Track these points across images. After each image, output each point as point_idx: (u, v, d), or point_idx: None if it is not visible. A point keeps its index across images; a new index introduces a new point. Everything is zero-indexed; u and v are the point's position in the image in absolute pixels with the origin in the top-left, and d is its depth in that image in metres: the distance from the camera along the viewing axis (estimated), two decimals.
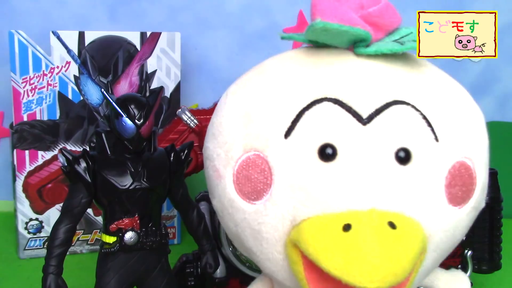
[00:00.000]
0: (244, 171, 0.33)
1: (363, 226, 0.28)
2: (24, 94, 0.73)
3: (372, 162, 0.30)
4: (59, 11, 0.87)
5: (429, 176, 0.31)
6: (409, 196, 0.30)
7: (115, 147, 0.47)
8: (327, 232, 0.28)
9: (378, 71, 0.32)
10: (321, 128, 0.30)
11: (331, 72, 0.32)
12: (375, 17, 0.33)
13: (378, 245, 0.27)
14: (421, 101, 0.32)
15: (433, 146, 0.31)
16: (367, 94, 0.31)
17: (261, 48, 0.92)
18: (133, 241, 0.47)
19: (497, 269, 0.64)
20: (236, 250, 0.60)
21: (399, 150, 0.30)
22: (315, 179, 0.30)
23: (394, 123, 0.31)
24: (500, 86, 0.97)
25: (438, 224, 0.31)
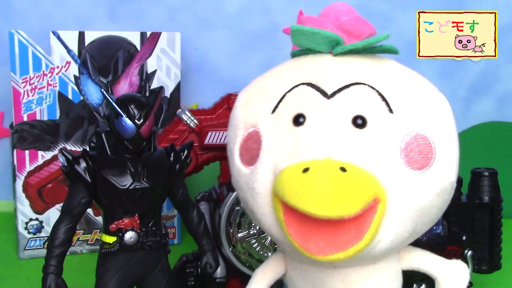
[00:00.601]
0: (245, 144, 0.41)
1: (318, 168, 0.35)
2: (24, 94, 0.73)
3: (332, 125, 0.37)
4: (59, 11, 0.87)
5: (382, 139, 0.37)
6: (363, 152, 0.36)
7: (115, 147, 0.47)
8: (291, 174, 0.35)
9: (345, 63, 0.40)
10: (296, 103, 0.39)
11: (309, 66, 0.41)
12: (347, 26, 0.40)
13: (328, 181, 0.34)
14: (378, 82, 0.39)
15: (388, 116, 0.38)
16: (333, 78, 0.39)
17: (261, 48, 0.92)
18: (133, 241, 0.47)
19: (497, 269, 0.64)
20: (236, 250, 0.60)
21: (356, 117, 0.37)
22: (288, 139, 0.38)
23: (352, 97, 0.38)
24: (500, 86, 0.96)
25: (397, 181, 0.37)
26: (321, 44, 0.41)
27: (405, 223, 0.38)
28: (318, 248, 0.35)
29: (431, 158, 0.38)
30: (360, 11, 0.43)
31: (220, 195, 0.63)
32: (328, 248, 0.35)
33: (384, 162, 0.37)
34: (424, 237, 0.59)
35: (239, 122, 0.42)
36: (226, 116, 0.64)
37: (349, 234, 0.35)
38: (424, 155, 0.38)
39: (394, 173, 0.37)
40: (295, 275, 0.43)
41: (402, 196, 0.37)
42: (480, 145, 0.94)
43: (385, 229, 0.37)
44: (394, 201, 0.37)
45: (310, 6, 0.93)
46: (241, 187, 0.42)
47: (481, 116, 0.97)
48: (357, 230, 0.35)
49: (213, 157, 0.65)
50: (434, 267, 0.44)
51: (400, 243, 0.39)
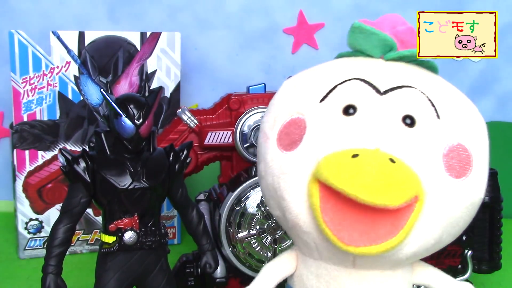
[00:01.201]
0: (285, 129, 0.41)
1: (368, 156, 0.35)
2: (24, 94, 0.73)
3: (382, 120, 0.38)
4: (59, 11, 0.87)
5: (429, 142, 0.38)
6: (410, 150, 0.37)
7: (114, 147, 0.47)
8: (339, 159, 0.35)
9: (397, 68, 0.41)
10: (347, 95, 0.39)
11: (362, 65, 0.42)
12: (402, 35, 0.42)
13: (377, 169, 0.34)
14: (427, 89, 0.40)
15: (435, 121, 0.38)
16: (385, 77, 0.40)
17: (261, 48, 0.92)
18: (132, 240, 0.47)
19: (497, 269, 0.64)
20: (236, 250, 0.60)
21: (406, 116, 0.38)
22: (337, 127, 0.38)
23: (404, 97, 0.39)
24: (500, 86, 0.96)
25: (435, 185, 0.37)
26: (375, 46, 0.42)
27: (434, 230, 0.38)
28: (351, 238, 0.35)
29: (468, 169, 0.38)
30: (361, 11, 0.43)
31: (220, 195, 0.63)
32: (362, 240, 0.35)
33: (427, 164, 0.37)
34: None
35: (281, 108, 0.42)
36: (226, 116, 0.64)
37: (385, 229, 0.35)
38: (463, 164, 0.38)
39: (434, 176, 0.37)
40: (308, 273, 0.42)
41: (437, 201, 0.37)
42: None
43: (417, 231, 0.37)
44: (430, 204, 0.37)
45: (310, 6, 0.93)
46: (273, 173, 0.41)
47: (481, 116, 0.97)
48: (393, 225, 0.35)
49: (213, 157, 0.65)
50: (444, 286, 0.44)
51: (424, 250, 0.39)
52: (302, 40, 0.92)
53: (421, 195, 0.36)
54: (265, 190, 0.43)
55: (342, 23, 0.91)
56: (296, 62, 0.93)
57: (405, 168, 0.36)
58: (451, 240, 0.41)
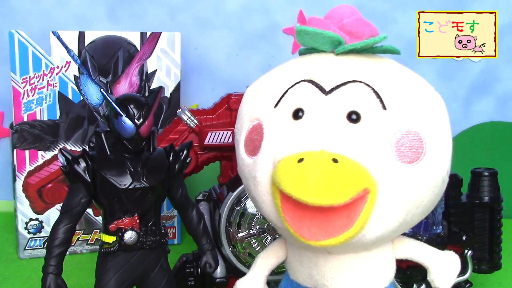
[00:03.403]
0: (249, 135, 0.44)
1: (312, 159, 0.37)
2: (24, 94, 0.73)
3: (328, 119, 0.39)
4: (59, 11, 0.87)
5: (375, 134, 0.39)
6: (355, 145, 0.38)
7: (114, 147, 0.47)
8: (287, 164, 0.38)
9: (345, 62, 0.42)
10: (296, 98, 0.41)
11: (312, 64, 0.43)
12: (349, 27, 0.42)
13: (320, 171, 0.36)
14: (374, 80, 0.41)
15: (381, 112, 0.39)
16: (331, 75, 0.41)
17: (261, 48, 0.92)
18: (132, 240, 0.47)
19: (497, 269, 0.64)
20: (236, 250, 0.60)
21: (351, 112, 0.39)
22: (287, 132, 0.40)
23: (348, 94, 0.40)
24: (500, 86, 0.96)
25: (387, 173, 0.39)
26: (324, 43, 0.43)
27: (395, 214, 0.40)
28: (311, 233, 0.38)
29: (421, 153, 0.40)
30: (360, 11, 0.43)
31: (220, 195, 0.63)
32: (321, 234, 0.38)
33: (376, 155, 0.39)
34: (424, 237, 0.59)
35: (245, 115, 0.45)
36: (226, 116, 0.64)
37: (340, 221, 0.37)
38: (414, 149, 0.40)
39: (385, 166, 0.39)
40: (294, 260, 0.45)
41: (392, 188, 0.39)
42: (480, 145, 0.95)
43: (375, 219, 0.39)
44: (384, 192, 0.39)
45: (310, 6, 0.93)
46: (245, 176, 0.44)
47: (481, 116, 0.97)
48: (348, 217, 0.37)
49: (213, 157, 0.65)
50: (426, 256, 0.45)
51: (390, 232, 0.41)
52: None
53: (371, 186, 0.38)
54: (246, 190, 0.46)
55: None
56: None
57: (349, 166, 0.37)
58: (420, 219, 0.43)
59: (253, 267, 0.48)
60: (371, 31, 0.43)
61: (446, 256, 0.46)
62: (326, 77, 0.41)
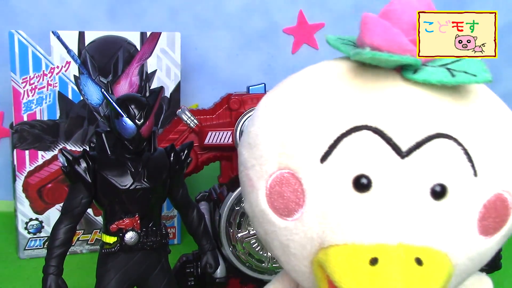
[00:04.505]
0: (277, 186, 0.33)
1: (390, 261, 0.29)
2: (24, 94, 0.73)
3: (405, 197, 0.30)
4: (59, 11, 0.87)
5: (462, 212, 0.31)
6: (439, 231, 0.30)
7: (115, 147, 0.47)
8: (354, 263, 0.29)
9: (423, 100, 0.32)
10: (359, 158, 0.31)
11: (375, 98, 0.32)
12: None
13: (403, 282, 0.28)
14: (464, 134, 0.31)
15: (471, 181, 0.31)
16: (409, 125, 0.31)
17: (261, 48, 0.92)
18: (133, 241, 0.47)
19: (497, 269, 0.64)
20: (236, 250, 0.60)
21: (436, 185, 0.30)
22: (347, 209, 0.30)
23: (433, 158, 0.30)
24: (500, 86, 0.96)
25: (465, 254, 0.32)
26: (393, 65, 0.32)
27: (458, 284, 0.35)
28: None
29: (505, 221, 0.33)
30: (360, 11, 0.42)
31: (220, 195, 0.63)
32: None
33: (459, 237, 0.31)
34: None
35: (269, 156, 0.33)
36: (226, 116, 0.64)
37: None
38: (499, 219, 0.32)
39: (466, 246, 0.32)
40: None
41: (466, 267, 0.33)
42: None
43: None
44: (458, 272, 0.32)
45: (310, 6, 0.93)
46: (266, 230, 0.34)
47: None
48: None
49: (213, 157, 0.65)
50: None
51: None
52: (302, 40, 0.92)
53: (451, 275, 0.31)
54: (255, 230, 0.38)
55: (342, 23, 0.91)
56: (296, 62, 0.93)
57: (435, 265, 0.29)
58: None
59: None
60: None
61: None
62: (401, 128, 0.30)
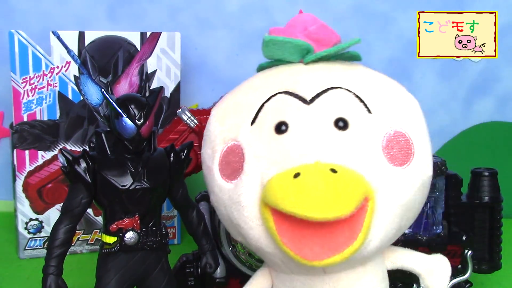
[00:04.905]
0: (225, 158, 0.41)
1: (309, 172, 0.35)
2: (24, 94, 0.73)
3: (316, 129, 0.38)
4: (59, 11, 0.87)
5: (365, 139, 0.38)
6: (348, 153, 0.37)
7: (115, 147, 0.47)
8: (283, 181, 0.35)
9: (318, 70, 0.41)
10: (276, 112, 0.39)
11: (283, 76, 0.41)
12: (315, 34, 0.41)
13: (322, 183, 0.34)
14: (353, 85, 0.40)
15: (367, 116, 0.38)
16: (309, 84, 0.40)
17: (261, 48, 0.92)
18: (133, 241, 0.47)
19: (497, 269, 0.64)
20: (236, 250, 0.60)
21: (338, 119, 0.38)
22: (273, 148, 0.38)
23: (331, 101, 0.39)
24: (500, 86, 0.96)
25: (383, 178, 0.38)
26: (292, 53, 0.42)
27: (392, 220, 0.39)
28: (314, 253, 0.36)
29: (411, 154, 0.39)
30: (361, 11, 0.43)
31: None
32: (324, 252, 0.35)
33: (370, 161, 0.38)
34: (424, 237, 0.59)
35: (216, 138, 0.42)
36: None
37: (344, 236, 0.36)
38: (404, 151, 0.39)
39: (380, 171, 0.38)
40: (283, 287, 0.43)
41: (388, 193, 0.38)
42: (480, 145, 0.95)
43: (375, 228, 0.38)
44: (381, 199, 0.38)
45: (310, 6, 0.93)
46: (224, 203, 0.41)
47: (481, 116, 0.97)
48: (350, 230, 0.36)
49: None
50: (417, 264, 0.44)
51: (388, 240, 0.40)
52: None
53: (370, 193, 0.37)
54: (222, 219, 0.43)
55: (342, 23, 0.91)
56: None
57: (348, 174, 0.36)
58: (411, 223, 0.42)
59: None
60: (336, 38, 0.42)
61: (436, 260, 0.45)
62: (304, 86, 0.39)
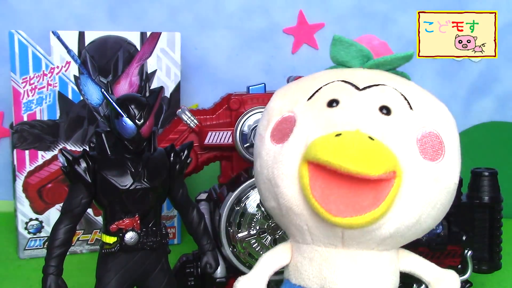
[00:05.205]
0: (277, 126, 0.45)
1: (350, 135, 0.40)
2: (24, 94, 0.73)
3: (362, 109, 0.42)
4: (59, 11, 0.87)
5: (404, 128, 0.42)
6: (387, 133, 0.41)
7: (115, 147, 0.47)
8: (325, 139, 0.40)
9: (374, 72, 0.47)
10: (331, 92, 0.44)
11: (344, 72, 0.47)
12: (377, 48, 0.47)
13: (358, 144, 0.39)
14: (400, 87, 0.45)
15: (408, 111, 0.43)
16: (364, 78, 0.45)
17: (261, 48, 0.92)
18: (133, 241, 0.47)
19: (497, 269, 0.64)
20: (236, 250, 0.60)
21: (382, 107, 0.42)
22: (322, 117, 0.43)
23: (380, 92, 0.44)
24: (500, 86, 0.97)
25: (412, 165, 0.41)
26: (354, 57, 0.47)
27: (413, 208, 0.42)
28: (338, 210, 0.39)
29: (441, 154, 0.42)
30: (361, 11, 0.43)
31: (220, 195, 0.63)
32: (348, 211, 0.39)
33: (403, 146, 0.41)
34: (424, 237, 0.59)
35: (274, 110, 0.46)
36: (226, 116, 0.64)
37: (368, 201, 0.39)
38: (435, 149, 0.42)
39: (411, 158, 0.41)
40: (302, 259, 0.45)
41: (414, 179, 0.41)
42: (480, 145, 0.95)
43: (397, 207, 0.41)
44: (408, 181, 0.41)
45: (310, 6, 0.93)
46: (268, 164, 0.45)
47: (481, 116, 0.97)
48: (375, 198, 0.39)
49: (213, 157, 0.65)
50: (428, 272, 0.47)
51: (406, 228, 0.42)
52: (302, 40, 0.92)
53: (399, 171, 0.40)
54: (261, 184, 0.46)
55: (342, 23, 0.91)
56: (296, 62, 0.93)
57: (383, 145, 0.40)
58: (431, 224, 0.44)
59: (257, 266, 0.47)
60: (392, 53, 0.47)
61: (447, 275, 0.46)
62: (359, 78, 0.45)
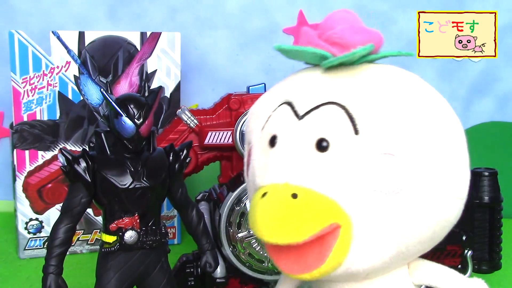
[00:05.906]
0: (248, 157, 0.43)
1: (273, 194, 0.36)
2: (24, 94, 0.73)
3: (295, 148, 0.38)
4: (59, 11, 0.87)
5: (345, 163, 0.36)
6: (321, 177, 0.36)
7: (114, 147, 0.47)
8: (254, 199, 0.38)
9: (328, 79, 0.40)
10: (275, 124, 0.40)
11: (296, 83, 0.42)
12: (336, 38, 0.39)
13: (277, 209, 0.35)
14: (351, 100, 0.38)
15: (352, 138, 0.36)
16: (308, 98, 0.39)
17: (261, 48, 0.92)
18: (133, 240, 0.47)
19: (497, 269, 0.64)
20: (236, 250, 0.60)
21: (320, 140, 0.37)
22: (262, 160, 0.40)
23: (319, 119, 0.38)
24: (500, 86, 0.96)
25: (361, 205, 0.36)
26: (311, 58, 0.41)
27: (383, 246, 0.37)
28: (287, 267, 0.37)
29: (399, 181, 0.36)
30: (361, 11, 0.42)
31: (220, 195, 0.63)
32: (296, 268, 0.37)
33: (346, 186, 0.36)
34: None
35: (247, 135, 0.45)
36: (226, 116, 0.64)
37: (312, 257, 0.36)
38: (391, 178, 0.36)
39: (358, 198, 0.36)
40: (305, 285, 0.46)
41: (370, 220, 0.36)
42: (480, 145, 0.95)
43: (357, 252, 0.37)
44: (361, 225, 0.36)
45: (310, 6, 0.93)
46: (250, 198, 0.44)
47: (481, 116, 0.97)
48: (319, 253, 0.36)
49: (213, 157, 0.65)
50: (448, 284, 0.42)
51: (383, 263, 0.38)
52: None
53: (342, 220, 0.36)
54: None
55: None
56: (296, 62, 0.93)
57: (310, 201, 0.36)
58: (424, 247, 0.39)
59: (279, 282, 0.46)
60: (365, 38, 0.38)
61: (473, 285, 0.43)
62: (302, 100, 0.39)
